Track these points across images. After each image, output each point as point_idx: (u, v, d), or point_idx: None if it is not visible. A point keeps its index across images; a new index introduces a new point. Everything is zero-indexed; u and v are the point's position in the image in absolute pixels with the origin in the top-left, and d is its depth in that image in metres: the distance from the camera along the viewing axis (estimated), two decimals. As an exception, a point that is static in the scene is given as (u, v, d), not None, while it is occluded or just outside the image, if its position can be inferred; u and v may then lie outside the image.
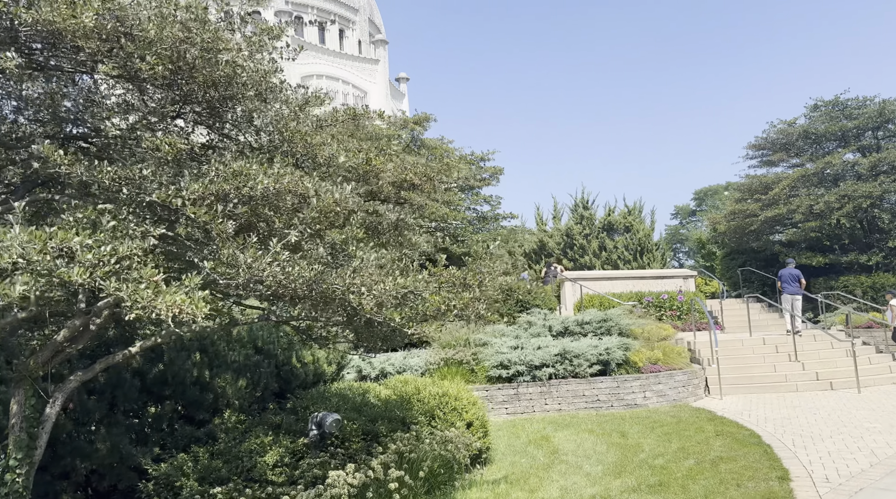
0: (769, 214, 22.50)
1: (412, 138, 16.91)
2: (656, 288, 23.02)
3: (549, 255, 38.95)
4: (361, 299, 4.92)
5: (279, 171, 4.84)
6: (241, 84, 5.47)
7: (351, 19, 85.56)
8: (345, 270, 4.78)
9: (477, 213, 18.33)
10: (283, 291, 4.83)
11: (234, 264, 4.47)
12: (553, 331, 15.36)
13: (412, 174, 6.30)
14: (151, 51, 4.54)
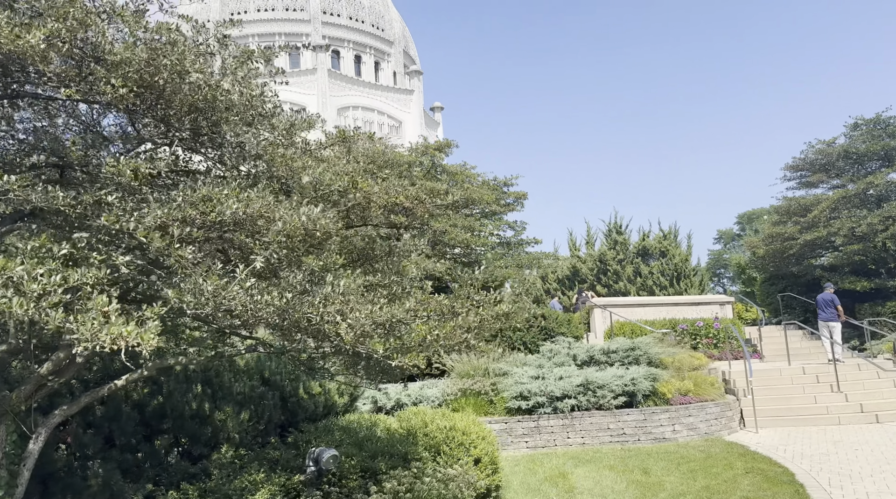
0: (809, 237, 21.60)
1: (432, 164, 16.75)
2: (691, 315, 22.23)
3: (583, 281, 38.25)
4: (338, 329, 4.65)
5: (249, 195, 4.63)
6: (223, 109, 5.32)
7: (386, 51, 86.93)
8: (313, 298, 4.50)
9: (501, 238, 17.97)
10: (253, 321, 4.59)
11: (198, 293, 4.25)
12: (578, 360, 14.82)
13: (402, 197, 6.02)
14: (118, 73, 4.41)
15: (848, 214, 21.42)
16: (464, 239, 15.07)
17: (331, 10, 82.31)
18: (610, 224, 37.46)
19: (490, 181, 18.48)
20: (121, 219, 3.96)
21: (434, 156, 16.72)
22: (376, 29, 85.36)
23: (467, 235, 15.25)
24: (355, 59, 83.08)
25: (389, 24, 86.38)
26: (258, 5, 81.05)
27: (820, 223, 21.83)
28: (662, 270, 33.78)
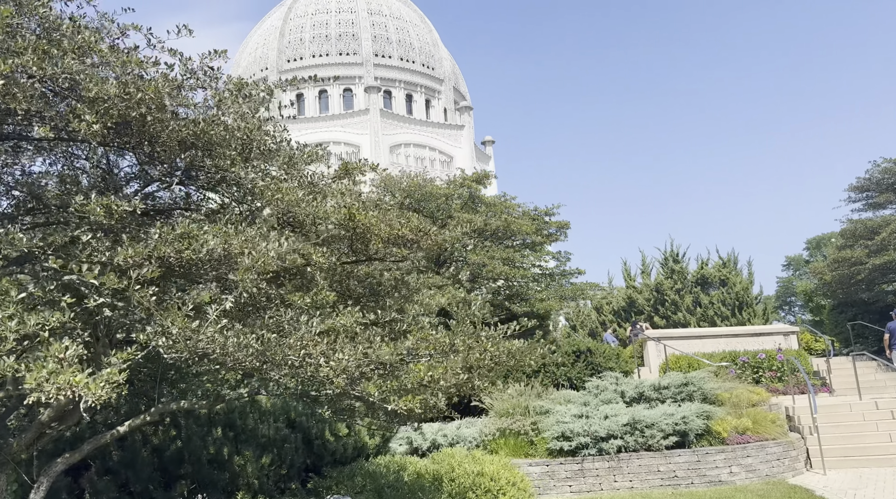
0: (877, 261, 20.21)
1: (469, 196, 16.47)
2: (753, 346, 21.00)
3: (640, 312, 36.99)
4: (319, 371, 4.32)
5: (227, 231, 4.40)
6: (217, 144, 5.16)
7: (436, 89, 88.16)
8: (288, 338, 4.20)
9: (543, 269, 17.45)
10: (231, 363, 4.32)
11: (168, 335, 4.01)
12: (626, 397, 14.03)
13: (406, 229, 5.71)
14: (93, 109, 4.29)
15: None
16: (502, 271, 14.65)
17: (382, 52, 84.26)
18: (666, 253, 36.28)
19: (531, 211, 18.05)
20: (70, 262, 3.77)
21: (471, 187, 16.44)
22: (426, 68, 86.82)
23: (506, 268, 14.83)
24: (406, 98, 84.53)
25: (439, 62, 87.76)
26: (313, 51, 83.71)
27: (890, 246, 20.43)
28: (723, 299, 32.33)
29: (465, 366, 5.15)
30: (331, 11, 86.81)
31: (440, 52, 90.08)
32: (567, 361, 15.38)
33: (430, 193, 16.20)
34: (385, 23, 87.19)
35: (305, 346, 4.17)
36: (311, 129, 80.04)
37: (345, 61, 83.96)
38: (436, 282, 15.06)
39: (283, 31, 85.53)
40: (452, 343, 5.08)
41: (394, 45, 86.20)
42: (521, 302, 15.74)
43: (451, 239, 12.76)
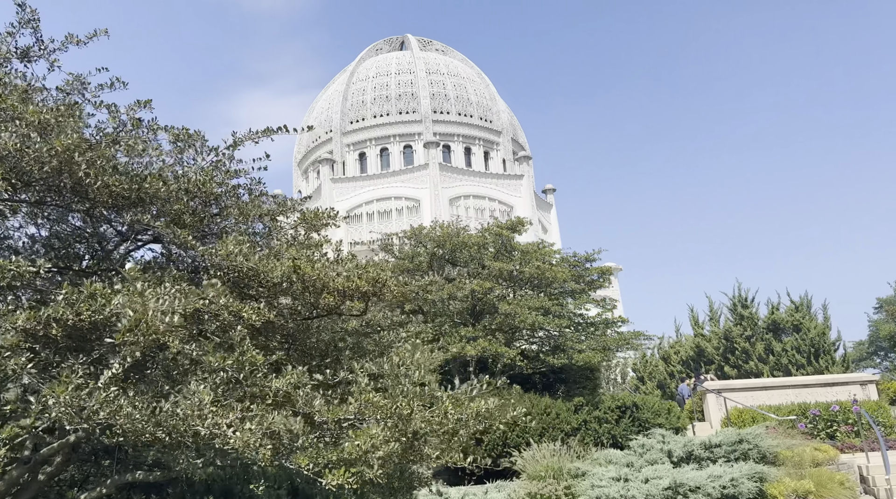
0: (963, 300, 18.28)
1: (501, 244, 15.99)
2: (826, 397, 19.24)
3: (710, 362, 35.03)
4: (228, 441, 3.90)
5: (139, 289, 4.11)
6: (153, 198, 4.96)
7: (495, 141, 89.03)
8: (177, 409, 3.81)
9: (584, 318, 16.60)
10: (133, 437, 3.95)
11: (52, 405, 3.70)
12: (673, 456, 12.92)
13: (362, 281, 5.29)
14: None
15: None
16: (535, 321, 13.96)
17: (440, 109, 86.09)
18: (734, 298, 34.51)
19: (570, 257, 17.34)
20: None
21: (504, 235, 15.95)
22: (484, 121, 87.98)
23: (540, 317, 14.13)
24: (465, 151, 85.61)
25: (497, 115, 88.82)
26: (374, 111, 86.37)
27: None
28: (797, 346, 30.21)
29: (407, 431, 4.59)
30: (391, 74, 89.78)
31: (497, 105, 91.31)
32: (611, 418, 14.38)
33: (462, 243, 15.83)
34: (443, 81, 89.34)
35: (204, 415, 3.76)
36: (373, 185, 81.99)
37: (405, 119, 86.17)
38: (468, 333, 14.52)
39: (346, 94, 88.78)
40: (395, 408, 4.53)
41: (451, 101, 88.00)
42: (560, 354, 14.93)
43: (420, 287, 12.25)
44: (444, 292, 14.55)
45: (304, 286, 4.97)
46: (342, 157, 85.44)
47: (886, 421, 18.13)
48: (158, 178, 4.92)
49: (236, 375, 4.32)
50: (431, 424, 4.67)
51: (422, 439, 4.73)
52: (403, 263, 15.80)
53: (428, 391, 4.95)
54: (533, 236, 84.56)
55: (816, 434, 17.82)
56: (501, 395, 14.26)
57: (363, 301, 5.36)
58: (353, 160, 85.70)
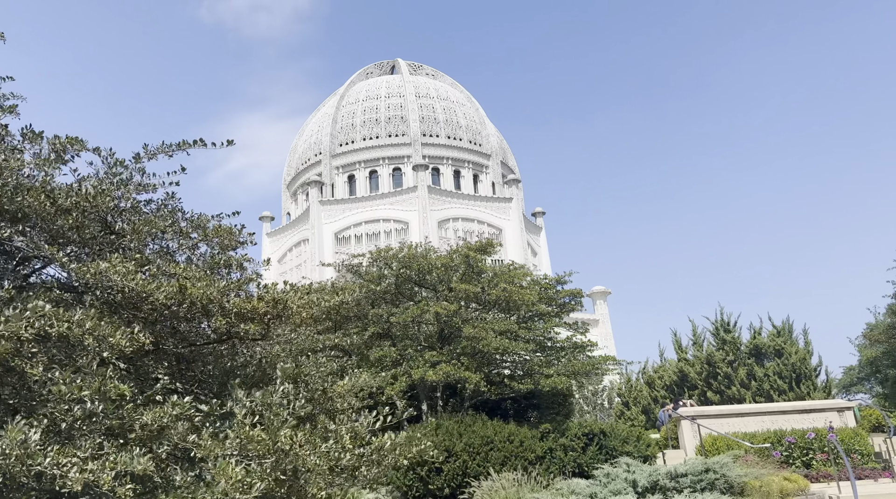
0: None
1: (468, 266, 15.70)
2: (802, 424, 18.87)
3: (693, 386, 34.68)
4: (66, 482, 3.54)
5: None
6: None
7: (484, 164, 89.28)
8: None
9: (553, 343, 16.26)
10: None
11: None
12: (638, 487, 12.51)
13: (260, 302, 4.96)
14: None
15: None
16: (498, 345, 13.62)
17: (430, 132, 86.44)
18: (716, 322, 34.28)
19: (541, 280, 17.05)
20: None
21: (470, 256, 15.67)
22: (474, 145, 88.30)
23: (504, 341, 13.79)
24: (454, 174, 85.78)
25: (486, 138, 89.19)
26: (364, 134, 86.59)
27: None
28: (779, 371, 29.92)
29: (287, 469, 4.22)
30: (380, 97, 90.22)
31: (487, 128, 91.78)
32: (577, 446, 13.99)
33: (430, 264, 15.55)
34: (432, 104, 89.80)
35: (32, 453, 3.41)
36: (362, 208, 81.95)
37: (394, 142, 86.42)
38: (432, 358, 14.16)
39: (336, 117, 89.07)
40: (273, 443, 4.14)
41: (441, 124, 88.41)
42: (527, 379, 14.56)
43: (334, 307, 11.95)
44: (407, 315, 14.22)
45: (192, 308, 4.64)
46: (331, 179, 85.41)
47: (864, 449, 17.77)
48: (41, 191, 4.62)
49: (95, 408, 3.96)
50: (323, 459, 4.30)
51: (307, 475, 4.35)
52: (368, 286, 15.48)
53: (321, 424, 4.59)
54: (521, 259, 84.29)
55: (792, 463, 17.44)
56: (464, 421, 13.88)
57: (262, 324, 5.02)
58: (343, 183, 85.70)
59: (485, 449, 12.85)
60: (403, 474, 12.78)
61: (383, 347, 14.80)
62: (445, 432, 13.09)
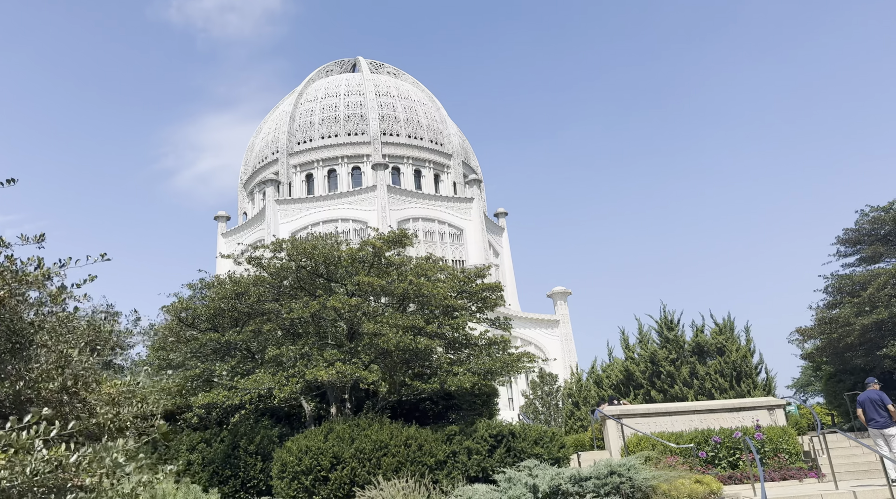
0: (866, 321, 17.64)
1: (376, 257, 14.79)
2: (731, 423, 18.32)
3: (639, 385, 34.22)
4: None
5: None
6: None
7: (445, 164, 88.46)
8: None
9: (468, 339, 15.41)
10: None
11: None
12: (539, 492, 11.72)
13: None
14: None
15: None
16: (398, 341, 12.72)
17: (390, 131, 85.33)
18: (660, 320, 33.80)
19: (458, 274, 16.19)
20: None
21: (377, 248, 14.74)
22: (435, 144, 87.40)
23: (407, 338, 12.90)
24: (415, 174, 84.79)
25: (448, 138, 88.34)
26: (322, 133, 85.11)
27: (880, 303, 17.90)
28: (720, 369, 29.53)
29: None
30: (340, 95, 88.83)
31: (448, 128, 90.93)
32: (482, 448, 13.13)
33: (335, 256, 14.61)
34: (393, 103, 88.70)
35: None
36: (320, 207, 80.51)
37: (353, 141, 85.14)
38: (329, 357, 13.19)
39: (294, 115, 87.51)
40: None
41: (401, 123, 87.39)
42: (434, 378, 13.69)
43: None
44: (305, 311, 13.25)
45: None
46: (288, 178, 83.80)
47: (792, 448, 17.27)
48: None
49: None
50: None
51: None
52: (266, 279, 14.46)
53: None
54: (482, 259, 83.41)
55: (718, 463, 16.87)
56: (360, 425, 12.94)
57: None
58: (300, 182, 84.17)
59: (377, 455, 11.92)
60: (287, 483, 11.79)
61: (281, 345, 13.82)
62: (336, 437, 12.13)
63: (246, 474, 13.77)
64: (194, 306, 14.46)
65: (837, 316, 19.01)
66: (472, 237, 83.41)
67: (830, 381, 21.38)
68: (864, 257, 20.33)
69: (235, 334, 14.32)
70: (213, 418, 14.33)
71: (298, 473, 11.70)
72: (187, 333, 14.93)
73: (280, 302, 14.71)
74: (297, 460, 11.78)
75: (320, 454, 11.75)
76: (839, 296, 19.68)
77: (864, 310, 18.31)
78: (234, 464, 13.85)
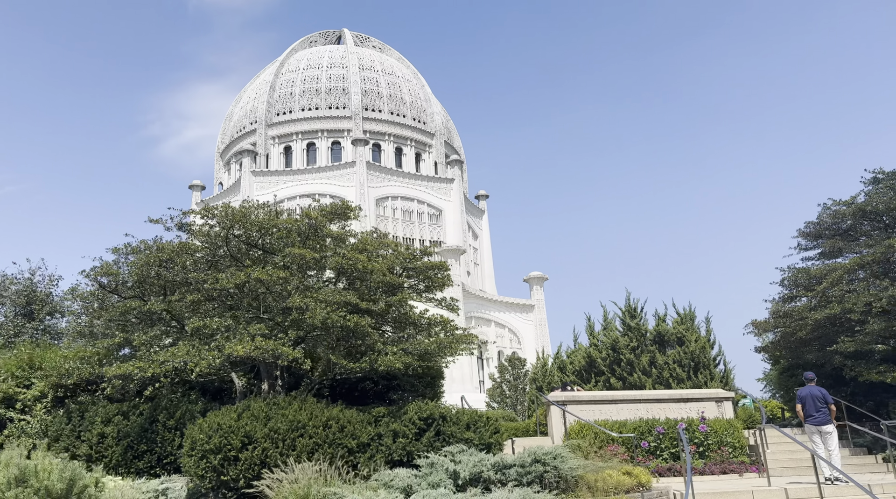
0: (818, 315, 17.28)
1: (311, 229, 14.12)
2: (678, 414, 18.00)
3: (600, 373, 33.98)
4: None
5: None
6: None
7: (427, 143, 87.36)
8: None
9: (406, 318, 14.80)
10: None
11: None
12: (459, 479, 11.24)
13: None
14: None
15: (865, 286, 17.09)
16: (325, 317, 12.10)
17: (372, 106, 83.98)
18: (624, 307, 33.45)
19: (403, 251, 15.56)
20: None
21: (313, 219, 14.06)
22: (418, 122, 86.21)
23: (335, 315, 12.26)
24: (396, 152, 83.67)
25: (431, 117, 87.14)
26: (303, 104, 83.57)
27: (833, 298, 17.55)
28: (679, 359, 29.30)
29: None
30: (322, 67, 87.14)
31: (432, 106, 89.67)
32: (409, 432, 12.61)
33: (267, 225, 13.90)
34: (376, 78, 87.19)
35: None
36: (297, 181, 79.19)
37: (334, 114, 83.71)
38: (254, 330, 12.54)
39: (274, 85, 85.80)
40: None
41: (384, 99, 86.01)
42: (364, 358, 13.11)
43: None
44: (229, 282, 12.57)
45: None
46: (266, 149, 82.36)
47: (736, 441, 16.97)
48: None
49: None
50: None
51: None
52: (194, 246, 13.74)
53: None
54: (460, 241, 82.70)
55: (660, 454, 16.54)
56: (278, 403, 12.34)
57: None
58: (278, 154, 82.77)
59: (292, 435, 11.34)
60: (196, 462, 11.20)
61: (207, 317, 13.15)
62: (251, 416, 11.53)
63: (163, 450, 13.16)
64: (116, 272, 13.72)
65: (791, 310, 18.66)
66: (451, 218, 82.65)
67: (783, 375, 21.14)
68: (825, 252, 19.97)
69: (159, 304, 13.63)
70: (131, 389, 13.68)
71: (207, 451, 11.11)
72: (113, 301, 14.23)
73: (211, 272, 14.01)
74: (206, 438, 11.18)
75: (231, 433, 11.16)
76: (795, 289, 19.33)
77: (817, 304, 17.97)
78: (151, 438, 13.23)
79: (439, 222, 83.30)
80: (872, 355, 17.73)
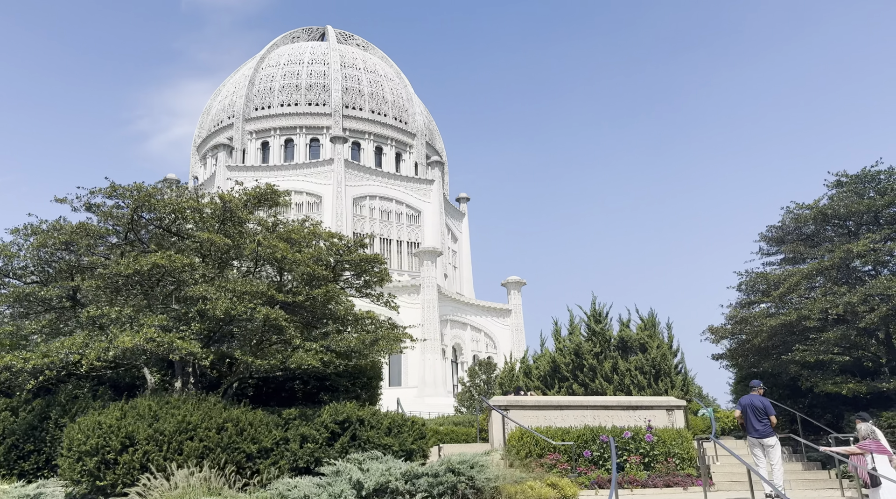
0: (774, 322, 16.41)
1: (225, 212, 13.04)
2: (626, 422, 17.01)
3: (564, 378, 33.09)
4: None
5: None
6: None
7: (408, 143, 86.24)
8: None
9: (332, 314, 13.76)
10: None
11: None
12: (363, 490, 10.19)
13: None
14: None
15: (823, 292, 16.25)
16: (228, 308, 11.03)
17: (353, 104, 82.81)
18: (589, 312, 32.52)
19: (337, 242, 14.53)
20: None
21: (230, 203, 12.98)
22: (399, 122, 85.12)
23: (241, 307, 11.21)
24: (376, 151, 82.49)
25: (412, 117, 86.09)
26: (282, 100, 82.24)
27: (791, 304, 16.71)
28: (641, 366, 28.45)
29: None
30: (303, 62, 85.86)
31: (414, 107, 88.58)
32: (320, 436, 11.54)
33: (175, 207, 12.78)
34: (358, 76, 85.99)
35: None
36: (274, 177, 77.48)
37: (313, 111, 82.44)
38: (154, 322, 11.42)
39: (254, 79, 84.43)
40: None
41: (366, 97, 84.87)
42: (275, 356, 12.02)
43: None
44: (126, 267, 11.45)
45: None
46: (243, 144, 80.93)
47: (684, 453, 16.03)
48: None
49: None
50: None
51: None
52: (95, 229, 12.59)
53: None
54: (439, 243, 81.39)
55: (603, 464, 15.57)
56: (170, 402, 11.23)
57: None
58: (255, 149, 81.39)
59: (180, 438, 10.24)
60: (71, 464, 10.08)
61: (105, 306, 12.04)
62: (136, 415, 10.42)
63: (52, 450, 12.00)
64: (12, 253, 12.56)
65: (748, 316, 17.80)
66: (430, 220, 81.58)
67: (741, 385, 20.29)
68: (787, 258, 19.14)
69: (55, 289, 12.49)
70: (20, 383, 12.50)
71: (83, 453, 9.99)
72: (8, 285, 13.07)
73: (116, 259, 12.87)
74: (84, 438, 10.06)
75: (111, 433, 10.04)
76: (753, 295, 18.49)
77: (774, 311, 17.12)
78: (40, 437, 12.07)
79: (418, 224, 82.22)
80: (830, 366, 16.90)
